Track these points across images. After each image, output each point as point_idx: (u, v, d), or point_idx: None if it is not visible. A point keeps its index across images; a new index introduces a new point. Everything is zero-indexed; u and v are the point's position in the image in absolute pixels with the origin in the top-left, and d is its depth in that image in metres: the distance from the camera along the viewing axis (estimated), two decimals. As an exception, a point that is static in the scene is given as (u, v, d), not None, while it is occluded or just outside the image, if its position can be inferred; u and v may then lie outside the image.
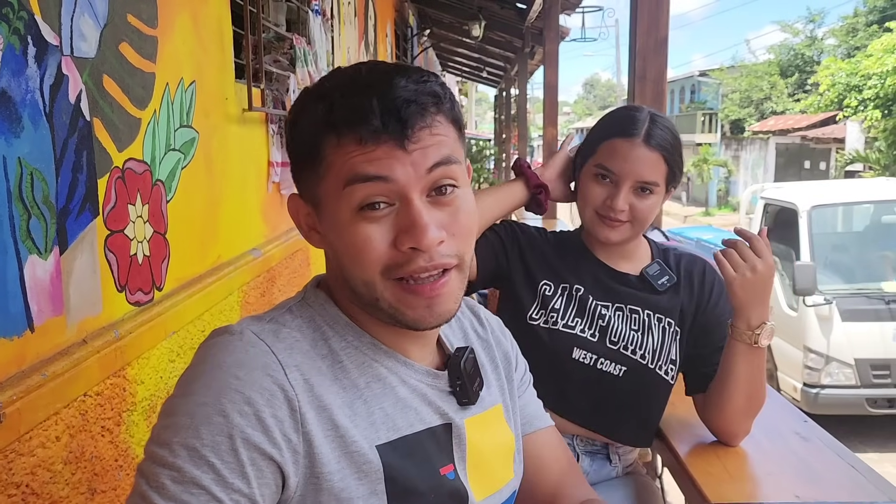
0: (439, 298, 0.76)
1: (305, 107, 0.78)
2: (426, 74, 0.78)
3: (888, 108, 12.46)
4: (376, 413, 0.77)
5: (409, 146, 0.73)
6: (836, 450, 1.28)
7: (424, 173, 0.74)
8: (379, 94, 0.73)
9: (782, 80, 23.66)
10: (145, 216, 1.38)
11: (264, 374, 0.71)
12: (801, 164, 20.13)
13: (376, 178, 0.72)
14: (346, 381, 0.77)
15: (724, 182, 24.95)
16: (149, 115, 1.41)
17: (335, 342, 0.79)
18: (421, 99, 0.74)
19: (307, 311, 0.81)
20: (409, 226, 0.73)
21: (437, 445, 0.81)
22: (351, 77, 0.76)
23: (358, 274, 0.76)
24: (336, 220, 0.76)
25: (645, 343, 1.37)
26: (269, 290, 2.20)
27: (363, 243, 0.74)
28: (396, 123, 0.72)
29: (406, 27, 6.52)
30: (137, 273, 1.35)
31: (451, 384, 0.85)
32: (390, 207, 0.74)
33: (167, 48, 1.49)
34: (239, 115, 1.96)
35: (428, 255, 0.74)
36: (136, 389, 1.33)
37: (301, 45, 2.40)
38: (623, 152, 1.35)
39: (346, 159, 0.73)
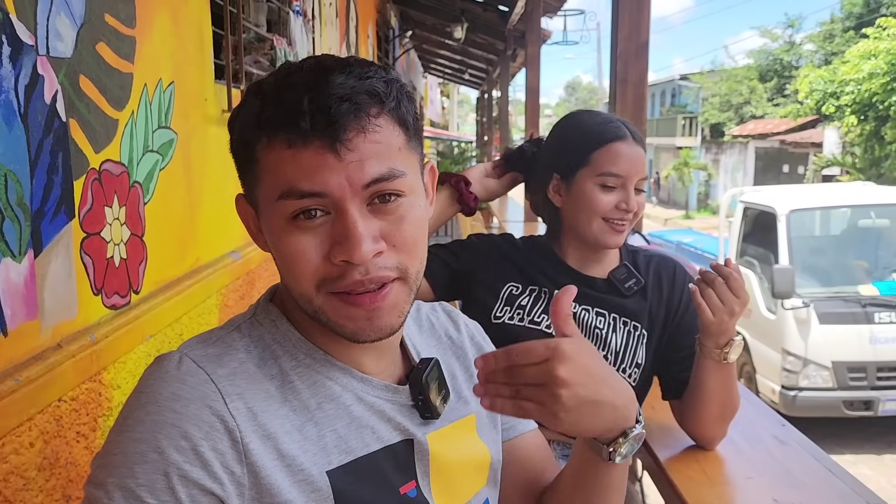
0: (379, 311, 0.72)
1: (244, 103, 0.73)
2: (372, 69, 0.72)
3: (864, 113, 12.63)
4: (328, 436, 0.73)
5: (343, 152, 0.67)
6: (813, 453, 1.30)
7: (360, 189, 0.69)
8: (312, 92, 0.67)
9: (761, 85, 23.93)
10: (122, 218, 1.36)
11: (202, 406, 0.67)
12: (780, 168, 20.38)
13: (311, 195, 0.68)
14: (296, 402, 0.73)
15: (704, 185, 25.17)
16: (126, 115, 1.39)
17: (285, 362, 0.75)
18: (357, 98, 0.68)
19: (256, 329, 0.77)
20: (342, 237, 0.68)
21: (395, 464, 0.77)
22: (289, 72, 0.71)
23: (294, 286, 0.72)
24: (272, 228, 0.72)
25: (608, 345, 1.37)
26: (249, 293, 2.18)
27: (296, 255, 0.70)
28: (326, 125, 0.67)
29: (388, 29, 6.51)
30: (114, 276, 1.33)
31: (413, 399, 0.81)
32: (326, 216, 0.70)
33: (145, 48, 1.48)
34: (219, 116, 1.94)
35: (364, 268, 0.69)
36: (112, 394, 1.31)
37: (282, 45, 2.39)
38: (626, 154, 1.37)
39: (278, 166, 0.69)
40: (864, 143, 13.22)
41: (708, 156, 25.32)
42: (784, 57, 23.90)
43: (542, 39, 7.15)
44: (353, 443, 0.74)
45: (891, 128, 12.00)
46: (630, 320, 1.40)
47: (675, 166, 23.64)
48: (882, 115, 12.22)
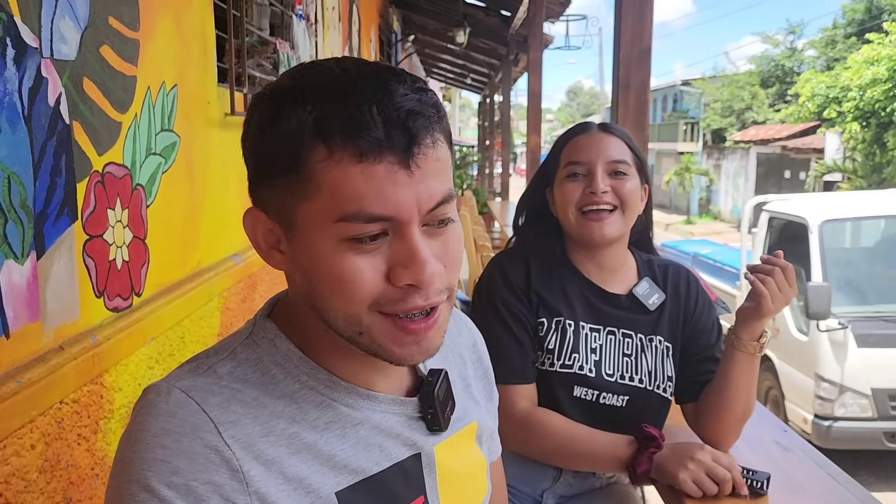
0: (430, 333, 0.70)
1: (281, 109, 0.66)
2: (419, 80, 0.68)
3: (866, 120, 12.64)
4: (338, 456, 0.71)
5: (415, 168, 0.64)
6: (816, 460, 1.29)
7: (426, 212, 0.66)
8: (378, 102, 0.63)
9: (763, 91, 23.95)
10: (125, 221, 1.36)
11: (194, 438, 0.64)
12: (782, 174, 20.37)
13: (380, 219, 0.64)
14: (303, 423, 0.70)
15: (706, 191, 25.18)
16: (129, 118, 1.39)
17: (287, 385, 0.72)
18: (426, 111, 0.65)
19: (254, 351, 0.73)
20: (408, 260, 0.65)
21: (404, 480, 0.76)
22: (336, 77, 0.66)
23: (340, 307, 0.68)
24: (316, 248, 0.66)
25: (640, 367, 1.38)
26: (251, 296, 2.18)
27: (351, 276, 0.65)
28: (402, 136, 0.63)
29: (390, 33, 6.53)
30: (116, 278, 1.33)
31: (423, 412, 0.79)
32: (384, 238, 0.66)
33: (149, 51, 1.48)
34: (221, 119, 1.94)
35: (425, 293, 0.67)
36: (114, 397, 1.31)
37: (285, 49, 2.39)
38: (586, 142, 1.40)
39: (343, 183, 0.63)
40: (865, 149, 13.22)
41: (710, 161, 25.33)
42: (786, 63, 23.92)
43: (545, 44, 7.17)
44: (363, 462, 0.72)
45: (893, 134, 12.01)
46: (655, 336, 1.41)
47: (677, 171, 23.64)
48: (884, 121, 12.23)
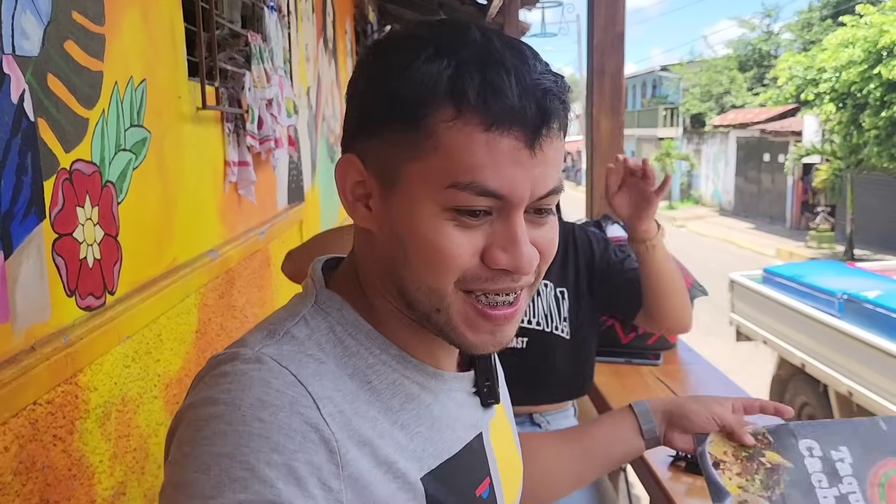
0: (508, 324, 0.67)
1: (417, 58, 0.61)
2: (548, 64, 0.65)
3: (843, 101, 12.74)
4: (416, 439, 0.67)
5: (538, 152, 0.61)
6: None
7: (537, 198, 0.64)
8: (518, 74, 0.60)
9: (741, 75, 24.10)
10: (95, 218, 1.35)
11: (293, 413, 0.58)
12: (761, 157, 20.55)
13: (492, 195, 0.61)
14: (379, 404, 0.66)
15: (687, 175, 25.34)
16: (97, 114, 1.37)
17: (361, 359, 0.67)
18: (563, 95, 0.63)
19: (323, 319, 0.68)
20: (507, 244, 0.63)
21: (474, 462, 0.74)
22: (477, 40, 0.62)
23: (427, 278, 0.64)
24: (419, 213, 0.63)
25: (536, 311, 1.54)
26: (229, 292, 2.17)
27: (448, 248, 0.62)
28: (537, 112, 0.60)
29: (366, 24, 6.48)
30: (88, 277, 1.32)
31: (479, 385, 0.77)
32: (487, 217, 0.63)
33: (115, 46, 1.46)
34: (193, 113, 1.92)
35: (517, 277, 0.65)
36: (90, 396, 1.30)
37: (256, 42, 2.37)
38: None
39: (464, 149, 0.60)
40: (843, 130, 13.35)
41: (690, 146, 25.49)
42: (763, 46, 24.08)
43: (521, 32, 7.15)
44: (440, 445, 0.70)
45: (869, 115, 12.11)
46: (549, 283, 1.57)
47: (657, 157, 23.76)
48: (860, 102, 12.34)
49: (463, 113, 0.60)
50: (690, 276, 1.92)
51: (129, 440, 1.46)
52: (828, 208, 16.00)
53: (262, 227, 2.55)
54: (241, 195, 2.33)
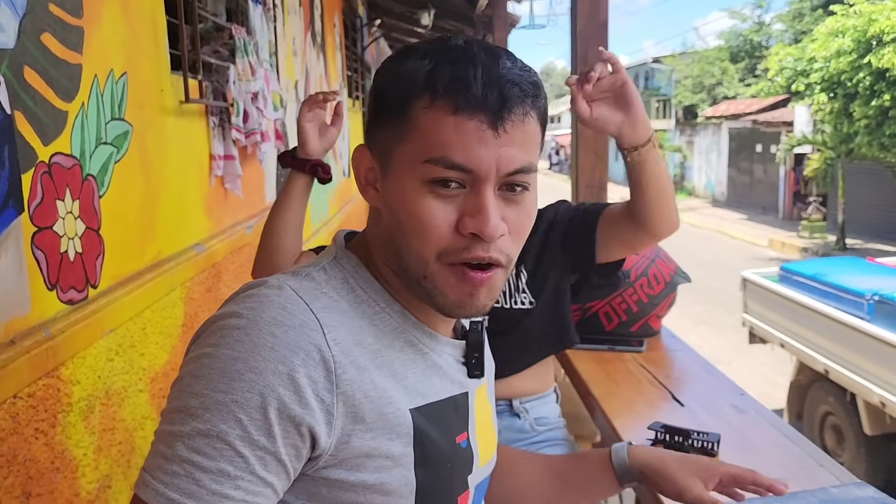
0: (482, 289, 0.76)
1: (406, 60, 0.76)
2: (525, 64, 0.77)
3: (833, 91, 12.76)
4: (410, 377, 0.78)
5: (502, 132, 0.71)
6: (770, 420, 1.32)
7: (504, 175, 0.73)
8: (484, 68, 0.72)
9: (733, 66, 24.10)
10: (76, 212, 1.34)
11: (301, 334, 0.70)
12: (753, 148, 20.58)
13: (459, 169, 0.72)
14: (383, 341, 0.77)
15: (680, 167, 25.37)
16: (76, 107, 1.37)
17: (369, 307, 0.79)
18: (525, 85, 0.73)
19: (340, 271, 0.80)
20: (476, 211, 0.72)
21: (456, 414, 0.83)
22: (458, 46, 0.75)
23: (415, 247, 0.75)
24: (404, 187, 0.75)
25: None
26: (216, 286, 2.17)
27: (427, 219, 0.73)
28: (496, 101, 0.71)
29: (355, 17, 6.46)
30: (69, 270, 1.32)
31: (468, 356, 0.87)
32: (461, 189, 0.73)
33: (94, 38, 1.45)
34: (176, 107, 1.91)
35: (486, 246, 0.74)
36: (72, 390, 1.30)
37: (241, 35, 2.36)
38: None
39: (435, 129, 0.72)
40: (833, 120, 13.36)
41: (682, 138, 25.51)
42: (754, 37, 24.08)
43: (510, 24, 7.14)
44: (428, 388, 0.80)
45: (859, 105, 12.13)
46: None
47: (650, 149, 23.75)
48: (850, 92, 12.35)
49: (435, 100, 0.72)
50: (673, 262, 1.93)
51: (114, 433, 1.46)
52: (819, 198, 16.04)
53: (250, 221, 2.55)
54: (228, 189, 2.32)
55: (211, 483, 0.65)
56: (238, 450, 0.65)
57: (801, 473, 1.13)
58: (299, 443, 0.69)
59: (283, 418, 0.67)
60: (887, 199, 14.80)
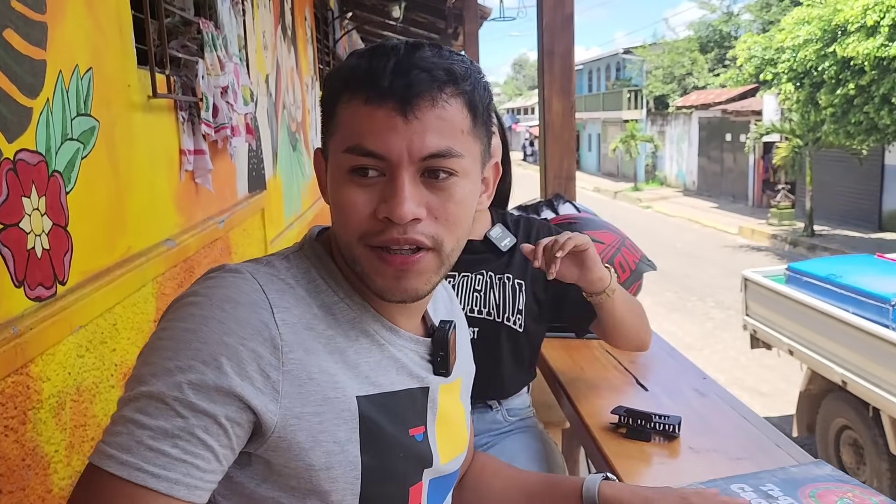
0: (408, 272, 0.77)
1: (343, 64, 0.81)
2: (458, 55, 0.79)
3: (800, 80, 12.94)
4: (362, 366, 0.80)
5: (411, 118, 0.74)
6: (731, 403, 1.36)
7: (417, 159, 0.75)
8: (397, 59, 0.75)
9: (702, 56, 24.34)
10: (42, 209, 1.34)
11: (251, 311, 0.73)
12: (723, 137, 20.82)
13: (372, 155, 0.75)
14: (337, 329, 0.80)
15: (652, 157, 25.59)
16: (41, 103, 1.36)
17: (328, 296, 0.81)
18: (435, 72, 0.75)
19: (304, 261, 0.83)
20: (390, 196, 0.75)
21: (412, 407, 0.85)
22: (386, 45, 0.78)
23: (342, 234, 0.79)
24: (333, 177, 0.80)
25: (488, 301, 1.51)
26: (188, 281, 2.16)
27: (349, 205, 0.77)
28: (402, 87, 0.73)
29: (326, 10, 6.43)
30: (37, 267, 1.31)
31: (434, 354, 0.88)
32: (380, 177, 0.76)
33: (58, 34, 1.44)
34: (144, 102, 1.91)
35: (402, 228, 0.75)
36: (42, 387, 1.30)
37: (209, 29, 2.35)
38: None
39: (352, 121, 0.76)
40: (800, 109, 13.55)
41: (654, 128, 25.72)
42: (723, 28, 24.34)
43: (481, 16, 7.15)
44: (382, 378, 0.82)
45: (825, 94, 12.32)
46: (504, 274, 1.54)
47: (622, 139, 23.96)
48: (817, 81, 12.53)
49: (352, 94, 0.77)
50: (639, 251, 1.96)
51: (86, 430, 1.46)
52: (788, 186, 16.30)
53: (222, 216, 2.54)
54: (198, 184, 2.31)
55: (149, 439, 0.67)
56: (178, 411, 0.68)
57: (758, 453, 1.17)
58: (239, 414, 0.71)
59: (223, 386, 0.69)
60: (853, 186, 15.08)
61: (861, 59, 11.01)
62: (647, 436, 1.24)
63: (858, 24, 11.10)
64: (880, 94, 11.03)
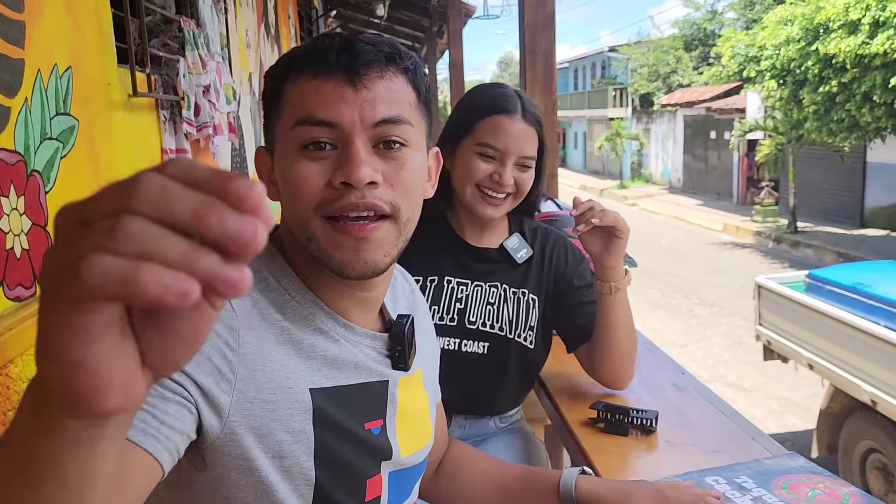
0: (367, 242, 0.76)
1: (281, 57, 0.82)
2: (398, 43, 0.81)
3: (783, 78, 13.03)
4: (316, 359, 0.80)
5: (360, 87, 0.75)
6: (708, 398, 1.38)
7: (370, 126, 0.76)
8: (343, 40, 0.77)
9: (687, 54, 24.47)
10: (21, 208, 1.34)
11: None
12: (707, 135, 20.94)
13: (324, 124, 0.75)
14: (289, 326, 0.79)
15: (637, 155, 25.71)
16: (19, 103, 1.35)
17: (279, 295, 0.80)
18: (381, 47, 0.77)
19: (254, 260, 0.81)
20: (345, 162, 0.75)
21: (369, 400, 0.84)
22: (328, 33, 0.82)
23: (295, 210, 0.78)
24: (282, 158, 0.78)
25: (501, 315, 1.44)
26: (170, 280, 2.16)
27: (301, 178, 0.76)
28: (349, 59, 0.75)
29: (310, 8, 6.41)
30: (16, 267, 1.31)
31: (391, 349, 0.88)
32: (334, 149, 0.76)
33: (37, 33, 1.44)
34: (124, 101, 1.90)
35: (360, 193, 0.75)
36: (22, 387, 1.29)
37: (190, 27, 2.34)
38: (506, 129, 1.39)
39: (301, 96, 0.76)
40: (783, 106, 13.65)
41: (639, 126, 25.84)
42: (707, 26, 24.48)
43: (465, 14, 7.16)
44: (336, 372, 0.81)
45: (807, 92, 12.42)
46: (519, 289, 1.47)
47: (608, 137, 24.05)
48: (799, 79, 12.63)
49: (299, 72, 0.78)
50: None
51: (67, 429, 1.46)
52: (771, 183, 16.42)
53: (204, 215, 2.53)
54: (180, 183, 2.31)
55: None
56: None
57: (734, 446, 1.19)
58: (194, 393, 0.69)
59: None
60: (835, 183, 15.22)
61: (843, 56, 11.10)
62: (624, 430, 1.25)
63: (840, 23, 11.20)
64: (862, 92, 11.13)
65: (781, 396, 6.44)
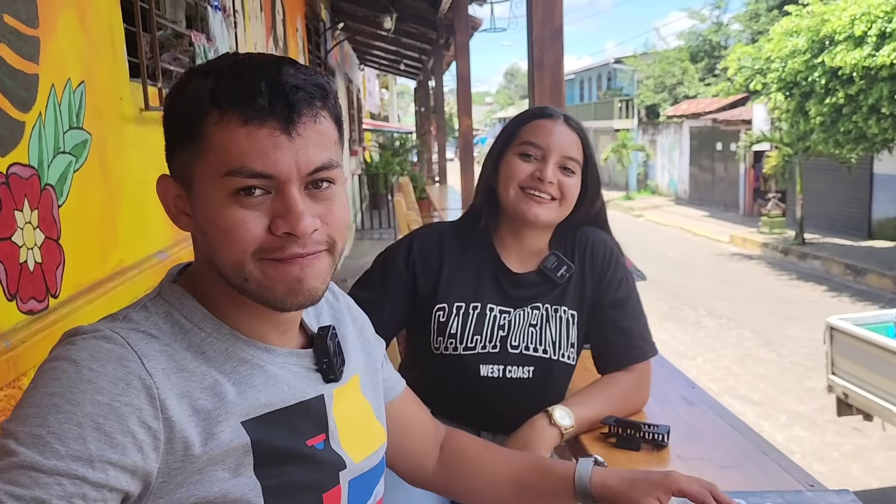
0: (309, 271, 0.77)
1: (190, 81, 0.77)
2: (312, 68, 0.80)
3: (789, 90, 13.03)
4: (247, 392, 0.79)
5: (295, 136, 0.74)
6: (718, 412, 1.37)
7: (305, 174, 0.76)
8: (267, 78, 0.74)
9: (693, 66, 24.49)
10: (35, 222, 1.35)
11: (120, 365, 0.71)
12: (714, 146, 20.93)
13: (260, 176, 0.74)
14: (211, 366, 0.78)
15: (643, 166, 25.71)
16: (34, 117, 1.37)
17: (194, 335, 0.79)
18: (309, 88, 0.76)
19: (163, 306, 0.80)
20: (286, 212, 0.75)
21: (307, 418, 0.84)
22: (240, 59, 0.78)
23: (227, 255, 0.76)
24: (208, 202, 0.76)
25: (544, 337, 1.43)
26: (179, 292, 2.16)
27: (236, 225, 0.75)
28: (284, 107, 0.73)
29: (318, 21, 6.46)
30: (29, 281, 1.32)
31: (318, 363, 0.88)
32: (266, 195, 0.75)
33: (51, 48, 1.46)
34: (136, 115, 1.92)
35: (303, 242, 0.76)
36: (34, 399, 1.30)
37: (201, 42, 2.37)
38: (547, 127, 1.42)
39: (230, 143, 0.73)
40: (790, 118, 13.63)
41: (645, 137, 25.84)
42: (713, 37, 24.51)
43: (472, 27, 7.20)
44: (270, 398, 0.81)
45: (814, 103, 12.40)
46: (561, 306, 1.45)
47: (614, 148, 24.06)
48: (805, 90, 12.61)
49: (224, 115, 0.74)
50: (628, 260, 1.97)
51: (77, 442, 1.46)
52: (778, 194, 16.37)
53: (213, 227, 2.55)
54: (190, 196, 2.32)
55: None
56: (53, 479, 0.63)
57: (744, 461, 1.18)
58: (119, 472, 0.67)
59: (102, 448, 0.66)
60: (843, 195, 15.18)
61: (849, 69, 11.09)
62: (636, 445, 1.25)
63: (846, 35, 11.20)
64: (868, 104, 11.12)
65: (790, 409, 6.42)
